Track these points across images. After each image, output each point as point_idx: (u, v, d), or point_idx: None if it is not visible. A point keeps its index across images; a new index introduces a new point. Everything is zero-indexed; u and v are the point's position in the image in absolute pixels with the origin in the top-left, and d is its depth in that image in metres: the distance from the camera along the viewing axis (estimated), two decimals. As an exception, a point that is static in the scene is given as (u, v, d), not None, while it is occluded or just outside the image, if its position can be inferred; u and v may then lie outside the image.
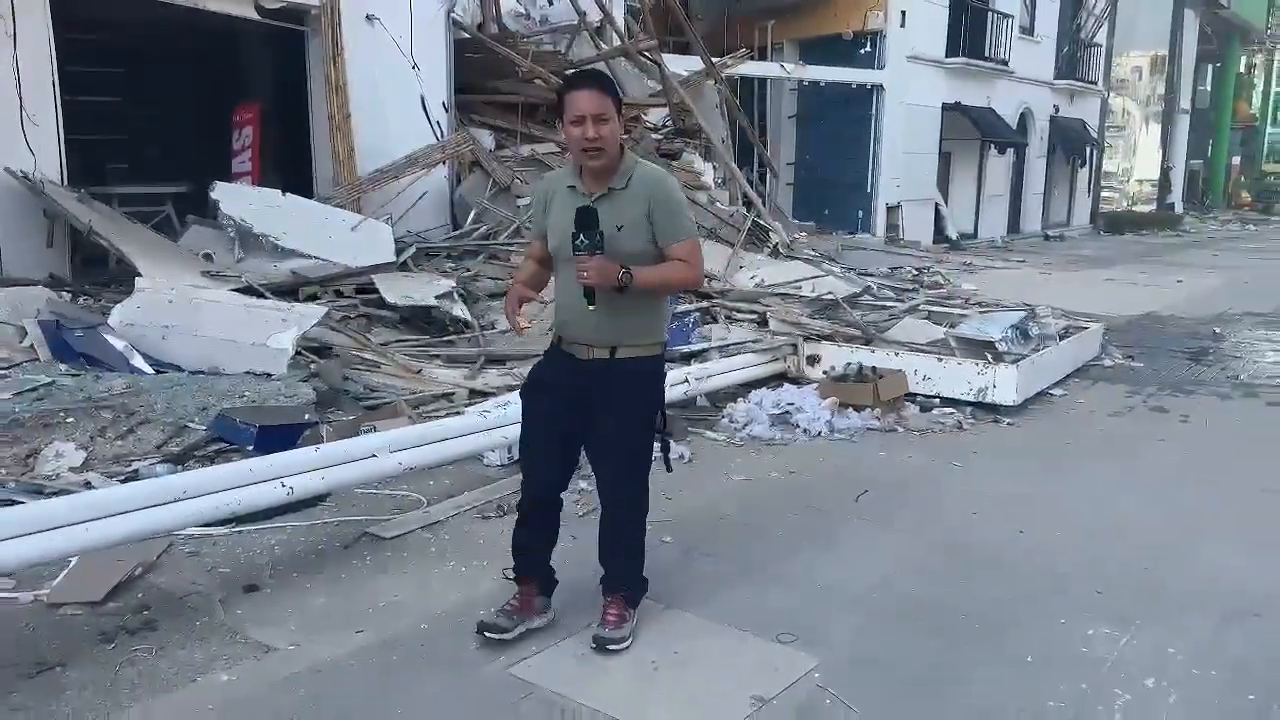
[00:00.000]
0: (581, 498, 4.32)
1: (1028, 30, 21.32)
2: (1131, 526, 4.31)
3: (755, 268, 10.71)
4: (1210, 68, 36.49)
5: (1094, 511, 4.50)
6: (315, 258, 7.96)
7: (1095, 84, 24.51)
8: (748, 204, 12.45)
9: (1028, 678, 2.99)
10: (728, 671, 2.98)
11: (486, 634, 3.01)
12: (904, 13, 16.91)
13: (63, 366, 5.43)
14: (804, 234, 14.40)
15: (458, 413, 4.91)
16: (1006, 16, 19.91)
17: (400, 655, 3.02)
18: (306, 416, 4.58)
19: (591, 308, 2.83)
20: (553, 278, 3.13)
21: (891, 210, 17.66)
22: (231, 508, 3.29)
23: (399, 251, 8.51)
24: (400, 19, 9.29)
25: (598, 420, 2.96)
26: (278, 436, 4.38)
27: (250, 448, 4.39)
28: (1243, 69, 39.56)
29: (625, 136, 11.34)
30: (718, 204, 12.07)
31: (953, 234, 18.83)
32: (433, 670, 2.93)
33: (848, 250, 14.93)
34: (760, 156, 14.83)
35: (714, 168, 12.64)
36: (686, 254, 2.94)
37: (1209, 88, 37.11)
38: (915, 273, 12.69)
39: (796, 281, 10.02)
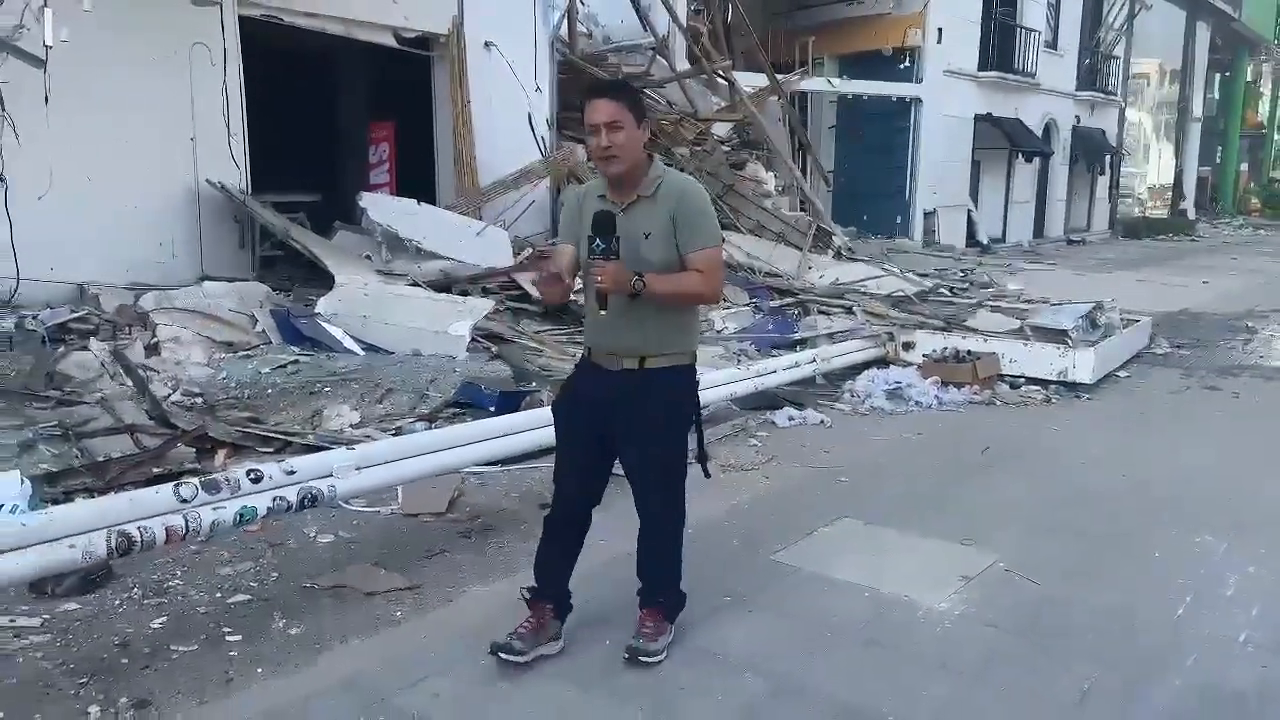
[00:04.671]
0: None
1: (1051, 44, 22.34)
2: (1209, 470, 5.30)
3: (822, 268, 11.72)
4: (1219, 76, 37.60)
5: (1176, 461, 5.50)
6: (451, 259, 8.97)
7: (1114, 95, 25.54)
8: (804, 208, 13.48)
9: (1159, 566, 3.97)
10: (934, 561, 3.97)
11: (501, 655, 2.94)
12: (941, 30, 17.94)
13: (294, 348, 6.42)
14: (845, 238, 15.42)
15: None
16: (1033, 31, 20.94)
17: (686, 548, 4.00)
18: (534, 385, 5.57)
19: (602, 313, 2.79)
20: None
21: (928, 216, 18.67)
22: (538, 441, 4.28)
23: (515, 254, 9.51)
24: (512, 45, 10.30)
25: (630, 432, 2.94)
26: (510, 401, 5.38)
27: (491, 409, 5.37)
28: (1250, 78, 40.59)
29: (699, 148, 12.25)
30: (781, 210, 13.09)
31: (984, 239, 19.83)
32: (716, 556, 3.91)
33: (891, 253, 15.93)
34: (814, 165, 15.81)
35: (775, 176, 13.67)
36: (704, 263, 2.86)
37: (1217, 96, 38.23)
38: (963, 274, 13.66)
39: (863, 280, 11.02)
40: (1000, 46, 19.92)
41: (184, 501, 2.96)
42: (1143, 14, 26.04)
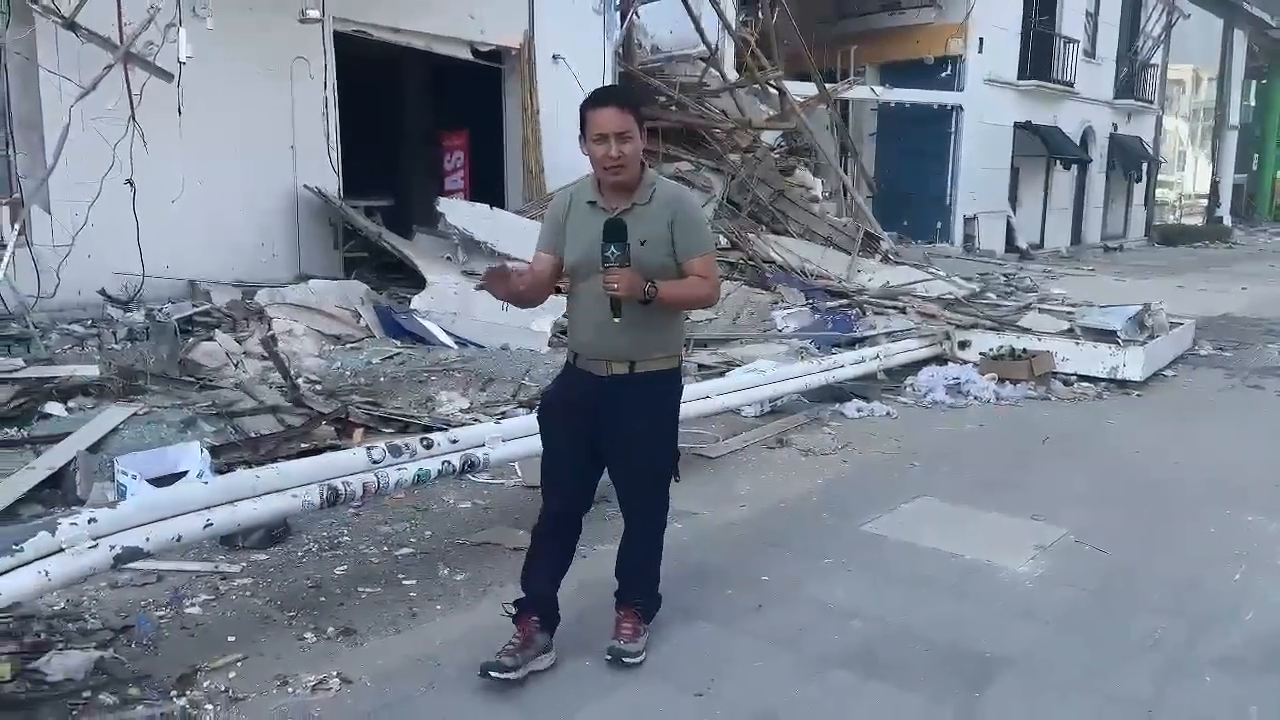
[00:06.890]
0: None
1: (1089, 53, 22.60)
2: (1257, 459, 5.68)
3: (870, 271, 12.13)
4: (1255, 84, 37.53)
5: (1224, 451, 5.88)
6: (522, 260, 9.46)
7: (1151, 103, 25.72)
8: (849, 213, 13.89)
9: (1216, 539, 4.37)
10: (1009, 533, 4.39)
11: (491, 674, 2.86)
12: (982, 39, 18.30)
13: (395, 342, 6.94)
14: (891, 242, 15.81)
15: (721, 374, 6.38)
16: (1072, 41, 21.23)
17: (782, 518, 4.47)
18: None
19: (617, 320, 2.79)
20: (565, 298, 3.08)
21: (968, 221, 19.02)
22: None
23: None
24: (578, 58, 10.80)
25: (619, 435, 2.95)
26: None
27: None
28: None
29: (750, 155, 12.69)
30: (829, 215, 13.51)
31: (1022, 244, 20.14)
32: (811, 527, 4.36)
33: (932, 258, 16.30)
34: (859, 171, 16.21)
35: (822, 182, 14.09)
36: (703, 269, 2.95)
37: (1254, 103, 38.15)
38: (1006, 278, 14.01)
39: (912, 283, 11.42)
40: (1039, 55, 20.24)
41: (375, 463, 3.45)
42: (1179, 21, 26.21)
